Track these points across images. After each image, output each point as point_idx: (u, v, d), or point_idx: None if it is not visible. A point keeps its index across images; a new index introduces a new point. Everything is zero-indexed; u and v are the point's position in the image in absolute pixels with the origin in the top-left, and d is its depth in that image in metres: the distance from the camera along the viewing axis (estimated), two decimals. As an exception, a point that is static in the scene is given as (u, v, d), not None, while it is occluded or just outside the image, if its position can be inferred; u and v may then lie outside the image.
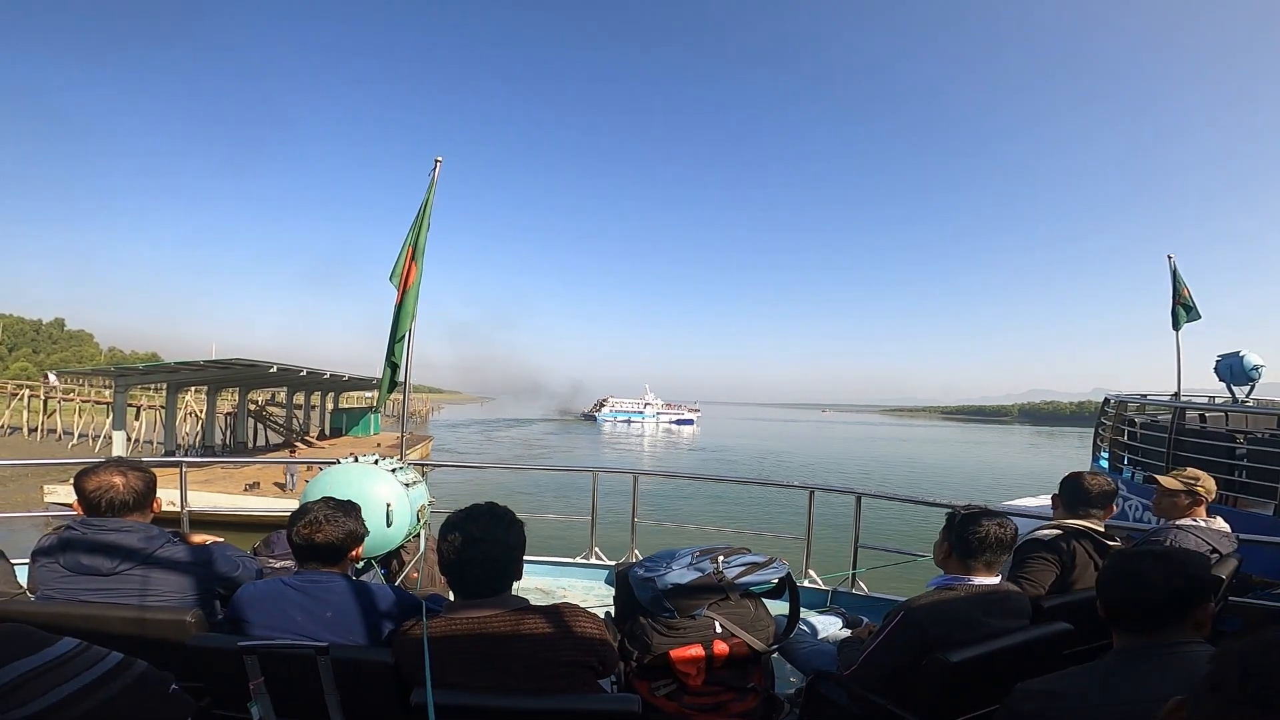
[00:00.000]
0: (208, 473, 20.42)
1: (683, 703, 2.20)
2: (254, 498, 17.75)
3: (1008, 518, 2.25)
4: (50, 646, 0.91)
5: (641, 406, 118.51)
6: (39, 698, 0.85)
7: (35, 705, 0.84)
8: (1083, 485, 2.84)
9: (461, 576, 1.78)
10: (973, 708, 2.01)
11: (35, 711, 0.84)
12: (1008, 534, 2.18)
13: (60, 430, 37.56)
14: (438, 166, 4.54)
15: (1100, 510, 2.81)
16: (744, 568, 2.42)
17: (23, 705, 0.84)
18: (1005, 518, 2.24)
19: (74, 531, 2.13)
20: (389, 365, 4.39)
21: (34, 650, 0.90)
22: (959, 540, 2.21)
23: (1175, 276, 9.47)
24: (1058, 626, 2.15)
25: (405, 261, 4.38)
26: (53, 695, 0.86)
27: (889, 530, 9.87)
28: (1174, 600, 1.45)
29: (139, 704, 0.95)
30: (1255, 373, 7.53)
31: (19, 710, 0.83)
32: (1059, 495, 2.93)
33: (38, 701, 0.85)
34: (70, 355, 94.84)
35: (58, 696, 0.87)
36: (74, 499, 2.26)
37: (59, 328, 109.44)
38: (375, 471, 3.36)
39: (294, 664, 1.72)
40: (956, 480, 36.57)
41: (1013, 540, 2.20)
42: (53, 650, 0.91)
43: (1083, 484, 2.85)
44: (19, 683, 0.85)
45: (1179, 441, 6.71)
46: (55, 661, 0.90)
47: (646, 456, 53.65)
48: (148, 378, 28.13)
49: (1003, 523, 2.20)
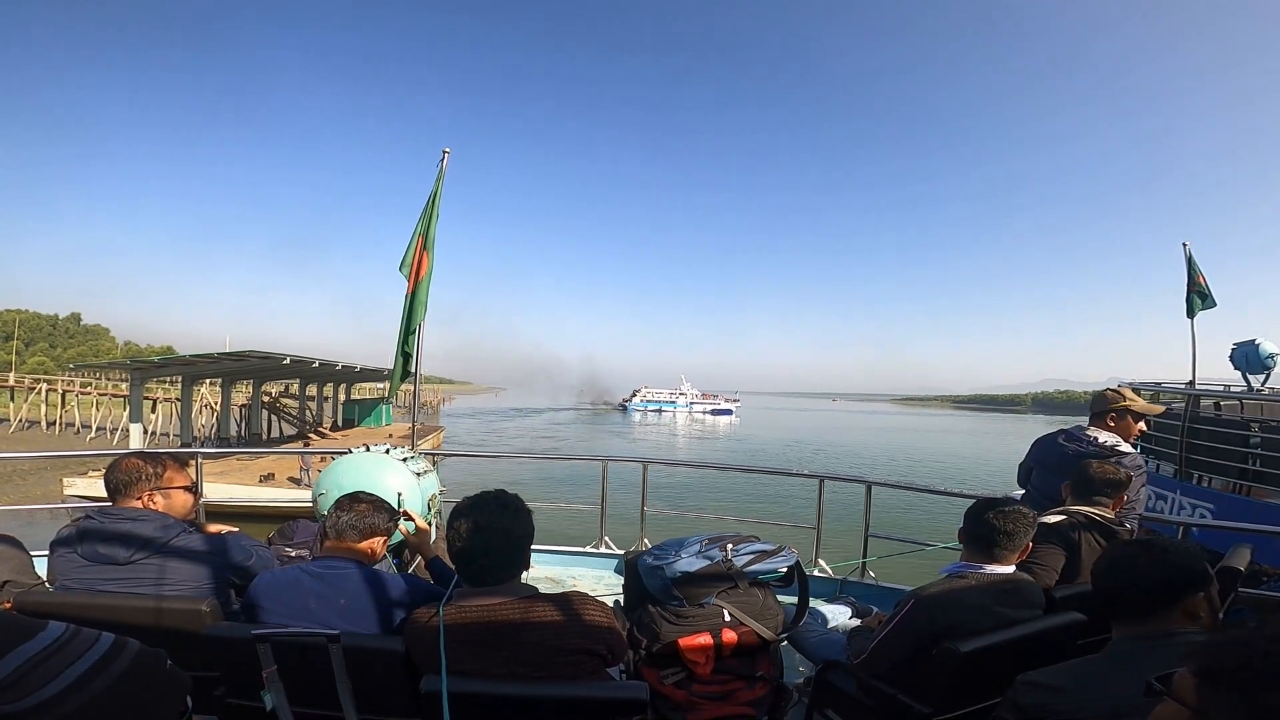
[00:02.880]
0: (223, 464, 20.66)
1: (691, 691, 2.21)
2: (269, 488, 17.96)
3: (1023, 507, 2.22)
4: (43, 632, 0.90)
5: (675, 396, 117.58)
6: (47, 684, 0.84)
7: (45, 692, 0.84)
8: (1089, 473, 2.87)
9: (467, 564, 1.79)
10: (983, 698, 2.01)
11: (45, 698, 0.83)
12: (1023, 525, 2.15)
13: (78, 424, 38.07)
14: (445, 158, 4.54)
15: (1107, 499, 2.82)
16: (753, 556, 2.43)
17: (33, 692, 0.83)
18: (1022, 507, 2.21)
19: (91, 521, 2.17)
20: (401, 356, 4.42)
21: (29, 636, 0.88)
22: (974, 530, 2.21)
23: (1190, 263, 9.35)
24: (1070, 617, 2.14)
25: (416, 252, 4.39)
26: (58, 681, 0.85)
27: (900, 519, 9.84)
28: (1161, 589, 1.45)
29: (140, 683, 0.96)
30: (1271, 361, 7.43)
31: (30, 698, 0.83)
32: (1069, 483, 2.95)
33: (48, 687, 0.84)
34: (87, 350, 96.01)
35: (64, 682, 0.86)
36: (97, 491, 2.32)
37: (75, 322, 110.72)
38: (386, 461, 3.39)
39: (307, 652, 1.74)
40: (973, 469, 36.40)
41: (1028, 530, 2.17)
42: (46, 635, 0.90)
43: (1089, 472, 2.87)
44: (25, 669, 0.84)
45: (1193, 430, 6.64)
46: (53, 646, 0.89)
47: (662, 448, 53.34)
48: (163, 370, 28.47)
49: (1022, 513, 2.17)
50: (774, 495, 18.42)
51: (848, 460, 42.42)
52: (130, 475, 2.29)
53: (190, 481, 2.49)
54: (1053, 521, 2.73)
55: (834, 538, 4.88)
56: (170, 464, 2.40)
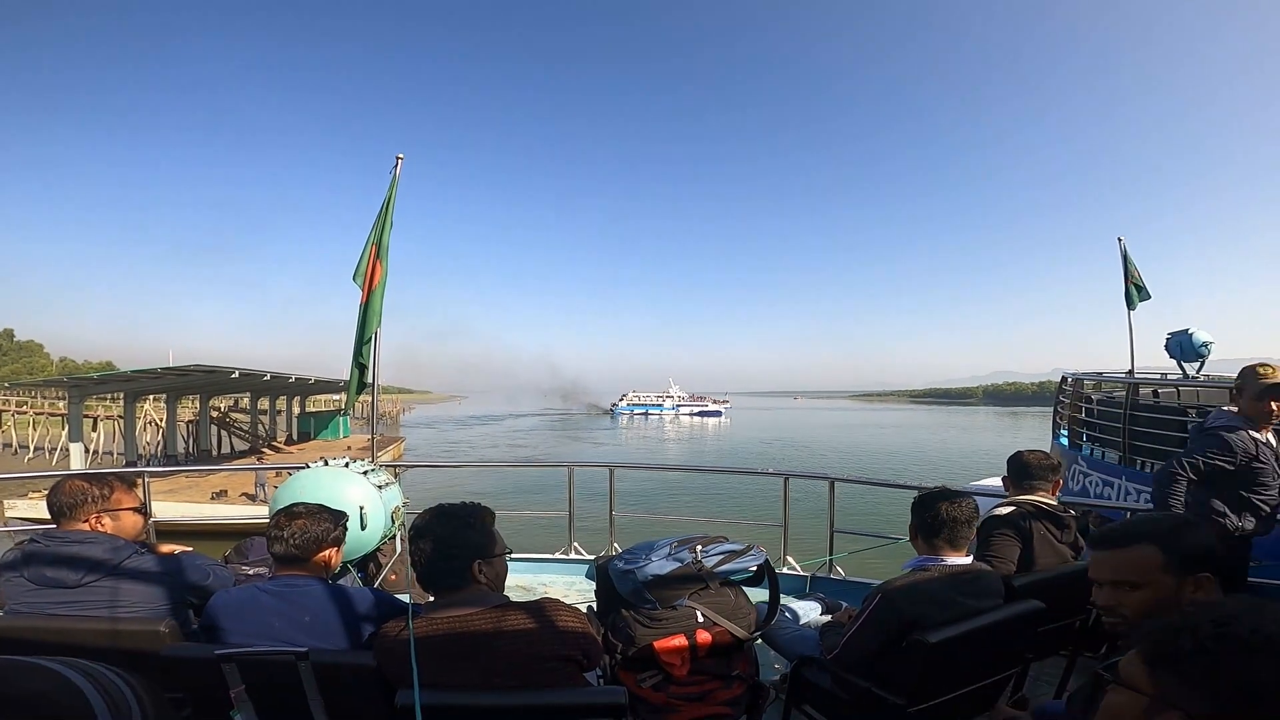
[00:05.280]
0: (172, 482, 19.88)
1: (669, 693, 2.21)
2: (222, 506, 17.34)
3: (963, 495, 2.33)
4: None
5: (662, 399, 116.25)
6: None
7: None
8: (1024, 461, 3.03)
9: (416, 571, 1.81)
10: (953, 687, 2.06)
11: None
12: (963, 512, 2.25)
13: (15, 444, 36.19)
14: (399, 164, 4.46)
15: (1044, 483, 2.97)
16: (722, 556, 2.44)
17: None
18: (961, 496, 2.32)
19: (37, 544, 2.07)
20: (356, 366, 4.32)
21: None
22: (920, 522, 2.31)
23: (1126, 258, 9.72)
24: (1031, 604, 2.21)
25: (369, 261, 4.31)
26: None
27: (866, 514, 10.01)
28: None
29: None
30: (1204, 349, 7.77)
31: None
32: (1007, 475, 3.11)
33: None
34: (20, 367, 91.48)
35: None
36: (40, 513, 2.22)
37: (8, 338, 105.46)
38: (346, 474, 3.31)
39: (275, 670, 1.69)
40: (935, 462, 37.12)
41: (969, 517, 2.26)
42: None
43: (1023, 460, 3.03)
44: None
45: (1134, 417, 6.91)
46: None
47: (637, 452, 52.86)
48: (103, 387, 27.23)
49: (957, 501, 2.27)
50: (742, 495, 18.60)
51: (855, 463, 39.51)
52: (75, 497, 2.19)
53: (139, 502, 2.39)
54: (1004, 513, 2.87)
55: (801, 535, 4.95)
56: (117, 485, 2.31)
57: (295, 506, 2.15)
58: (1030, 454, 3.06)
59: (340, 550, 2.21)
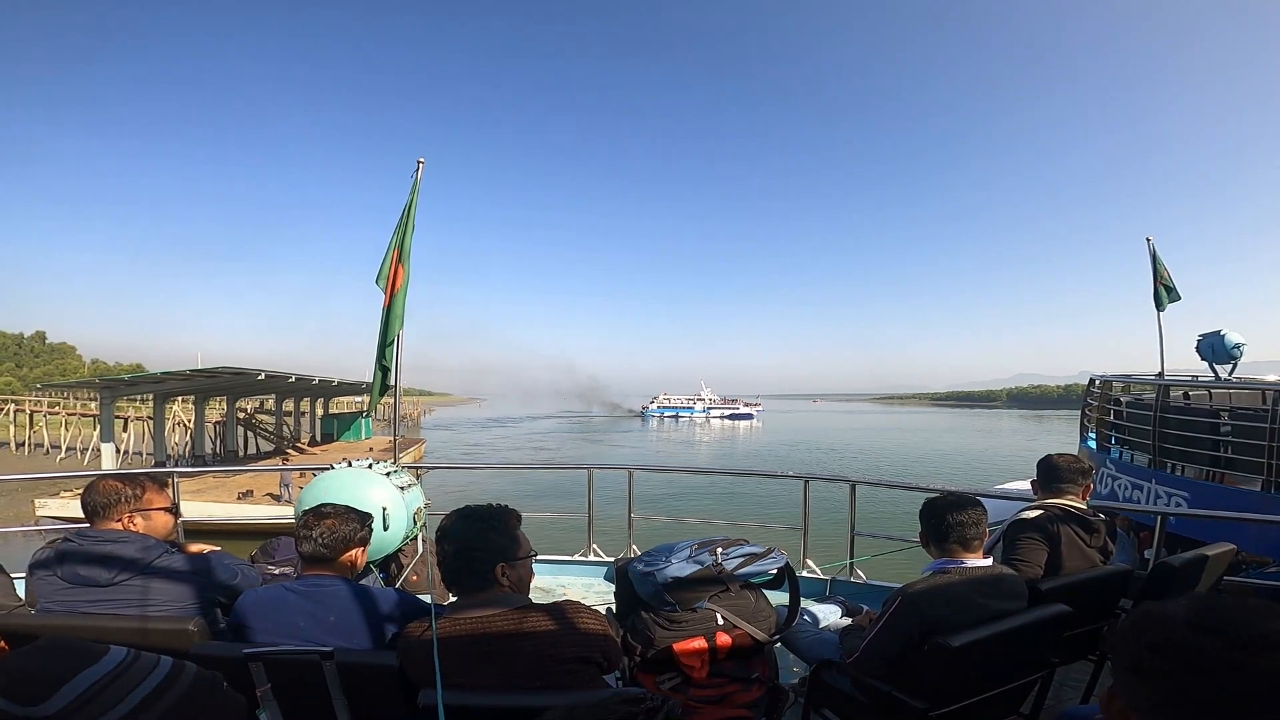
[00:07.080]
0: (200, 482, 20.28)
1: (688, 695, 2.21)
2: (248, 506, 17.66)
3: (965, 497, 2.31)
4: (106, 656, 0.93)
5: (692, 401, 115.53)
6: (114, 707, 0.87)
7: (112, 715, 0.86)
8: (1053, 464, 2.96)
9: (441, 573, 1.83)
10: (975, 691, 2.04)
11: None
12: (967, 514, 2.22)
13: (48, 444, 37.11)
14: (420, 168, 4.51)
15: (1074, 487, 2.90)
16: (743, 559, 2.44)
17: (101, 715, 0.86)
18: (962, 497, 2.30)
19: (70, 544, 2.13)
20: (379, 369, 4.37)
21: (94, 660, 0.91)
22: (928, 528, 2.30)
23: (1155, 258, 9.54)
24: (1056, 609, 2.18)
25: (391, 264, 4.36)
26: (124, 704, 0.88)
27: (887, 517, 9.90)
28: None
29: (200, 705, 0.99)
30: (1237, 350, 7.60)
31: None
32: (1036, 479, 3.05)
33: (115, 710, 0.87)
34: (53, 369, 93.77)
35: (129, 705, 0.89)
36: (70, 512, 2.28)
37: (41, 341, 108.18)
38: (369, 475, 3.35)
39: (300, 670, 1.72)
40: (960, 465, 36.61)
41: (975, 519, 2.23)
42: (110, 659, 0.92)
43: (1052, 463, 2.97)
44: (92, 693, 0.86)
45: (1164, 419, 6.77)
46: (116, 670, 0.91)
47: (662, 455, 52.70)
48: (134, 389, 27.89)
49: (958, 503, 2.25)
50: (762, 498, 18.50)
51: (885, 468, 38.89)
52: (109, 497, 2.24)
53: (170, 502, 2.45)
54: (1030, 517, 2.81)
55: (821, 538, 4.91)
56: (149, 485, 2.36)
57: (324, 507, 2.19)
58: (1060, 457, 2.99)
59: (365, 551, 2.24)
